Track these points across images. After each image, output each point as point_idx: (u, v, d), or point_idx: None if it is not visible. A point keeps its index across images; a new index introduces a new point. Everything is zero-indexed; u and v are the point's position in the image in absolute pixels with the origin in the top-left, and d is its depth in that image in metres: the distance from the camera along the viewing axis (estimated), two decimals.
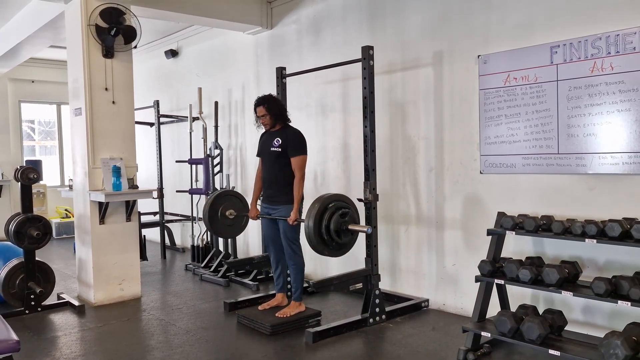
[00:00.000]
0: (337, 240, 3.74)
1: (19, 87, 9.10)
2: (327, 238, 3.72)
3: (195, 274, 5.94)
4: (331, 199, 3.79)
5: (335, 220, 3.71)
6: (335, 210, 3.75)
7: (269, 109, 4.06)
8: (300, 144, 4.04)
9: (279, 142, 4.04)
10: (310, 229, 3.65)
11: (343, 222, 3.74)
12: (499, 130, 3.92)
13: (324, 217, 3.71)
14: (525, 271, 3.21)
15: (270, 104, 4.08)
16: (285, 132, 4.09)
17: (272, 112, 4.07)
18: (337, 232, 3.73)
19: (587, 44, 3.41)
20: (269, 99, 4.12)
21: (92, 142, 4.72)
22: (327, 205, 3.74)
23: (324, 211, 3.71)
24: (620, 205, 3.35)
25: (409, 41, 4.61)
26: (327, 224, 3.71)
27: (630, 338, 2.70)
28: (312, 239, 3.66)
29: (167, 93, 7.88)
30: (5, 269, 4.57)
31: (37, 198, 8.50)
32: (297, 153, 3.99)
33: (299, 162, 3.99)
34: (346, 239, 3.81)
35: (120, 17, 4.67)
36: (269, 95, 4.17)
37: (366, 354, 3.59)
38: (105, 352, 3.65)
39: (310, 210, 3.70)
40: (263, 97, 4.14)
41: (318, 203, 3.72)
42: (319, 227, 3.68)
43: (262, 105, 4.08)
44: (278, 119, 4.11)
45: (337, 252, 3.84)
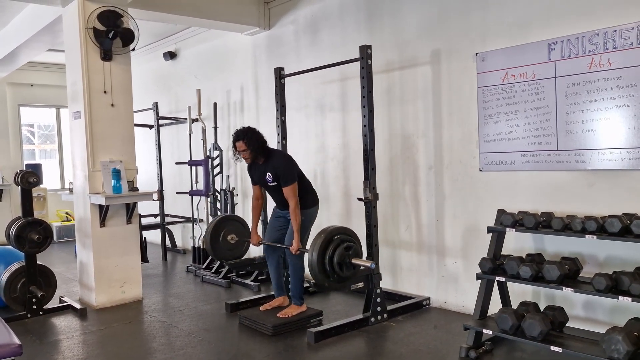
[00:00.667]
0: (339, 273, 3.72)
1: (17, 91, 9.11)
2: (330, 270, 3.70)
3: (197, 275, 5.94)
4: (336, 231, 3.78)
5: (339, 252, 3.70)
6: (340, 243, 3.73)
7: (249, 144, 3.96)
8: (289, 173, 3.98)
9: (271, 177, 4.02)
10: (314, 261, 3.65)
11: (347, 255, 3.72)
12: (497, 128, 3.92)
13: (329, 249, 3.69)
14: (526, 268, 3.22)
15: (250, 138, 3.97)
16: (272, 164, 4.02)
17: (252, 147, 3.97)
18: (340, 264, 3.71)
19: (584, 40, 3.41)
20: (248, 132, 4.00)
21: (92, 145, 4.72)
22: (332, 237, 3.73)
23: (328, 242, 3.70)
24: (619, 201, 3.35)
25: (407, 40, 4.61)
26: (331, 256, 3.69)
27: (631, 333, 2.70)
28: (315, 269, 3.65)
29: (166, 95, 7.88)
30: (6, 273, 4.57)
31: (37, 202, 8.50)
32: (287, 183, 3.95)
33: (290, 190, 3.95)
34: (348, 272, 3.77)
35: (117, 20, 4.67)
36: (247, 128, 4.05)
37: (368, 353, 3.60)
38: (108, 355, 3.66)
39: (315, 240, 3.70)
40: (242, 132, 4.00)
41: (323, 234, 3.71)
42: (322, 258, 3.67)
43: (241, 140, 3.97)
44: (259, 153, 4.03)
45: (337, 285, 3.82)
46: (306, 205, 4.12)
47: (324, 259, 3.67)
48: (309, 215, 4.18)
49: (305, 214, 4.11)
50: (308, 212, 4.15)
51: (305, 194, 4.14)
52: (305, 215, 4.09)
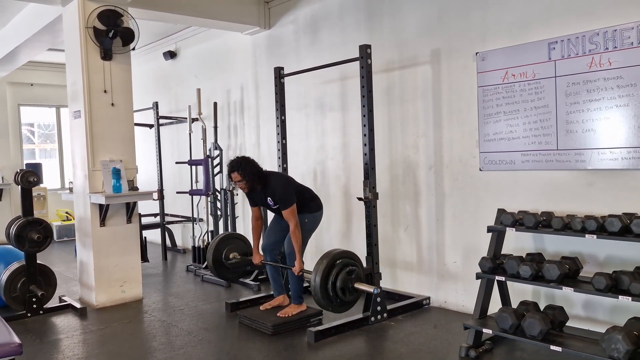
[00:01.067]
0: (342, 297, 3.73)
1: (18, 91, 9.11)
2: (332, 295, 3.71)
3: (197, 275, 5.95)
4: (339, 256, 3.78)
5: (342, 277, 3.70)
6: (343, 268, 3.74)
7: (244, 175, 3.97)
8: (286, 196, 3.99)
9: (272, 201, 4.06)
10: (316, 284, 3.65)
11: (349, 280, 3.72)
12: (497, 127, 3.92)
13: (331, 274, 3.70)
14: (526, 267, 3.22)
15: (244, 169, 3.97)
16: (272, 189, 4.03)
17: (247, 177, 3.98)
18: (342, 289, 3.71)
19: (584, 40, 3.41)
20: (242, 162, 4.00)
21: (92, 145, 4.72)
22: (334, 262, 3.73)
23: (331, 267, 3.71)
24: (619, 200, 3.35)
25: (407, 39, 4.61)
26: (334, 281, 3.69)
27: (631, 333, 2.70)
28: (317, 293, 3.66)
29: (166, 95, 7.88)
30: (6, 273, 4.57)
31: (37, 201, 8.50)
32: (287, 206, 3.97)
33: (290, 213, 3.97)
34: (351, 297, 3.78)
35: (118, 20, 4.67)
36: (241, 158, 4.04)
37: (368, 352, 3.60)
38: (108, 354, 3.66)
39: (317, 265, 3.70)
40: (235, 163, 4.00)
41: (326, 259, 3.72)
42: (325, 283, 3.67)
43: (236, 171, 3.98)
44: (255, 182, 4.04)
45: (340, 309, 3.83)
46: (311, 210, 4.19)
47: (326, 284, 3.69)
48: (314, 219, 4.23)
49: (310, 217, 4.18)
50: (313, 216, 4.21)
51: (310, 201, 4.22)
52: (309, 218, 4.16)
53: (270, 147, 6.06)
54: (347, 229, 5.27)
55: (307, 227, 4.14)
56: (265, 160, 6.11)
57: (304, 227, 4.08)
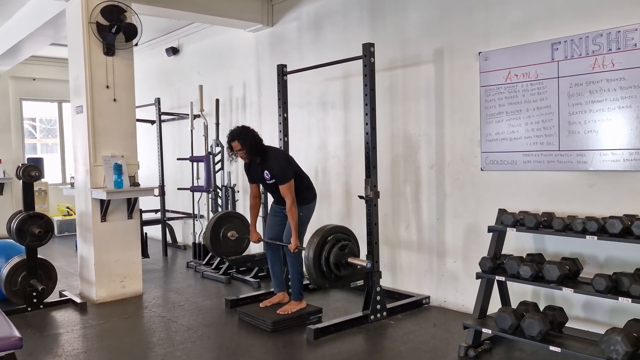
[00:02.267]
0: (337, 273, 3.72)
1: (20, 85, 9.11)
2: (327, 271, 3.70)
3: (197, 271, 5.95)
4: (331, 231, 3.77)
5: (334, 253, 3.70)
6: (335, 243, 3.73)
7: (244, 144, 3.96)
8: (284, 171, 3.98)
9: (269, 175, 4.03)
10: (310, 262, 3.65)
11: (342, 255, 3.72)
12: (499, 127, 3.91)
13: (324, 250, 3.69)
14: (526, 268, 3.22)
15: (244, 138, 3.96)
16: (268, 163, 4.02)
17: (247, 146, 3.97)
18: (336, 265, 3.71)
19: (588, 41, 3.40)
20: (242, 132, 3.99)
21: (94, 140, 4.72)
22: (326, 238, 3.72)
23: (323, 244, 3.70)
24: (621, 202, 3.35)
25: (410, 38, 4.60)
26: (327, 257, 3.69)
27: (630, 334, 2.70)
28: (312, 272, 3.66)
29: (168, 91, 7.88)
30: (7, 267, 4.58)
31: (38, 196, 8.51)
32: (284, 181, 3.96)
33: (287, 189, 3.95)
34: (345, 272, 3.77)
35: (121, 15, 4.67)
36: (242, 127, 4.04)
37: (367, 350, 3.60)
38: (107, 349, 3.67)
39: (310, 242, 3.70)
40: (236, 132, 3.99)
41: (318, 236, 3.71)
42: (318, 259, 3.67)
43: (236, 139, 3.97)
44: (255, 153, 4.03)
45: (336, 284, 3.83)
46: (306, 201, 4.15)
47: (320, 260, 3.68)
48: (308, 211, 4.20)
49: (304, 209, 4.13)
50: (307, 208, 4.17)
51: (305, 190, 4.17)
52: (303, 210, 4.12)
53: (272, 144, 6.03)
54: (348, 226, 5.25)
55: (302, 221, 4.11)
56: None
57: (299, 220, 4.06)
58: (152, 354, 3.55)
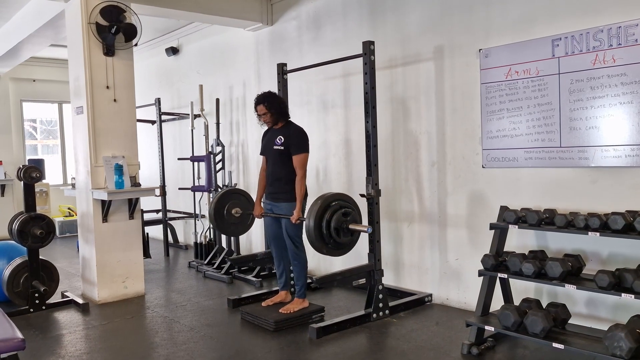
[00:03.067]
0: (336, 238, 3.72)
1: (20, 87, 9.11)
2: (327, 235, 3.70)
3: (199, 271, 5.95)
4: (335, 197, 3.78)
5: (336, 218, 3.70)
6: (338, 209, 3.74)
7: (270, 107, 4.02)
8: (302, 141, 4.02)
9: (281, 140, 4.03)
10: (310, 225, 3.65)
11: (344, 221, 3.72)
12: (501, 124, 3.91)
13: (326, 214, 3.70)
14: (529, 265, 3.21)
15: (271, 102, 4.03)
16: (288, 130, 4.06)
17: (272, 110, 4.03)
18: (337, 230, 3.71)
19: (588, 37, 3.40)
20: (269, 96, 4.07)
21: (94, 141, 4.72)
22: (330, 203, 3.73)
23: (326, 208, 3.71)
24: (623, 198, 3.34)
25: (410, 36, 4.59)
26: (329, 221, 3.69)
27: (634, 330, 2.70)
28: (312, 234, 3.66)
29: (169, 91, 7.88)
30: (9, 268, 4.58)
31: (39, 197, 8.52)
32: (299, 151, 3.97)
33: (301, 160, 3.97)
34: (345, 238, 3.78)
35: (120, 15, 4.67)
36: (269, 92, 4.12)
37: (370, 349, 3.60)
38: (110, 350, 3.67)
39: (312, 206, 3.70)
40: (263, 95, 4.08)
41: (321, 200, 3.72)
42: (319, 223, 3.67)
43: (262, 103, 4.03)
44: (279, 117, 4.08)
45: (335, 252, 3.82)
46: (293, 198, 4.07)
47: (321, 224, 3.68)
48: None
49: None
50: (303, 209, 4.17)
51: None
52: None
53: None
54: None
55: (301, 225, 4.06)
56: None
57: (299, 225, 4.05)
58: (155, 355, 3.55)
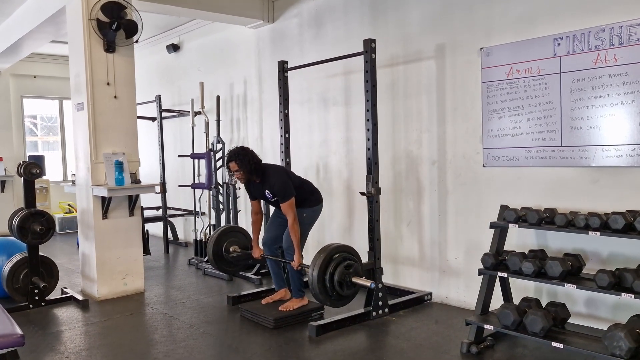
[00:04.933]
0: (339, 291, 3.71)
1: (20, 83, 9.10)
2: (330, 288, 3.68)
3: (199, 268, 5.95)
4: (338, 249, 3.77)
5: (340, 271, 3.68)
6: (341, 261, 3.72)
7: (242, 165, 3.97)
8: (284, 191, 3.98)
9: (270, 194, 4.05)
10: (314, 277, 3.64)
11: (347, 274, 3.71)
12: (501, 123, 3.90)
13: (329, 267, 3.68)
14: (528, 264, 3.21)
15: (242, 160, 3.97)
16: (269, 182, 4.03)
17: (244, 168, 3.97)
18: (340, 283, 3.69)
19: (590, 36, 3.39)
20: (240, 153, 3.98)
21: (95, 137, 4.72)
22: (333, 256, 3.72)
23: (329, 261, 3.69)
24: (623, 198, 3.34)
25: (411, 34, 4.59)
26: (332, 274, 3.67)
27: (633, 330, 2.70)
28: (315, 287, 3.64)
29: (169, 88, 7.87)
30: (9, 264, 4.58)
31: (40, 193, 8.52)
32: (285, 200, 3.97)
33: (288, 206, 3.96)
34: (348, 291, 3.76)
35: (121, 12, 4.66)
36: (239, 149, 4.03)
37: (369, 347, 3.60)
38: (110, 346, 3.67)
39: (315, 259, 3.69)
40: (234, 153, 4.00)
41: (324, 253, 3.71)
42: (323, 276, 3.66)
43: (233, 160, 3.99)
44: (252, 174, 4.03)
45: (338, 303, 3.80)
46: (310, 204, 4.19)
47: (324, 277, 3.67)
48: (313, 213, 4.23)
49: (309, 211, 4.17)
50: (312, 210, 4.21)
51: (310, 195, 4.22)
52: (308, 212, 4.16)
53: (273, 141, 6.05)
54: (349, 223, 5.26)
55: (306, 222, 4.14)
56: (268, 154, 6.11)
57: (303, 221, 4.08)
58: (155, 351, 3.55)
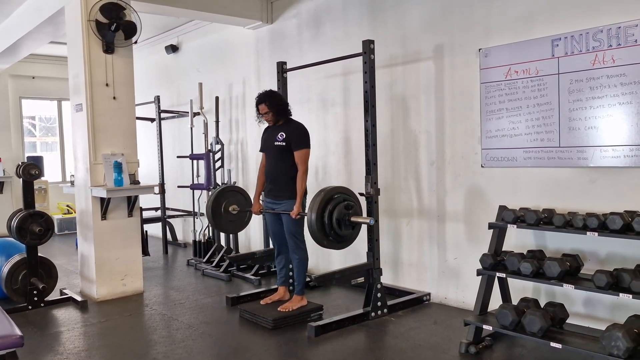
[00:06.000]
0: (337, 230, 3.73)
1: (19, 84, 9.10)
2: (328, 226, 3.71)
3: (197, 269, 5.96)
4: (337, 190, 3.81)
5: (339, 210, 3.72)
6: (341, 201, 3.76)
7: (271, 106, 4.04)
8: (303, 137, 4.04)
9: (282, 137, 4.04)
10: (312, 216, 3.66)
11: (346, 214, 3.74)
12: (500, 124, 3.91)
13: (329, 205, 3.71)
14: (527, 264, 3.22)
15: (272, 101, 4.05)
16: (289, 126, 4.07)
17: (274, 109, 4.04)
18: (338, 221, 3.72)
19: (588, 37, 3.40)
20: (270, 95, 4.08)
21: (94, 138, 4.72)
22: (332, 195, 3.76)
23: (328, 200, 3.73)
24: (621, 198, 3.35)
25: (410, 35, 4.60)
26: (331, 212, 3.70)
27: (631, 330, 2.70)
28: (313, 225, 3.67)
29: (168, 88, 7.87)
30: (7, 265, 4.58)
31: (38, 194, 8.51)
32: (301, 147, 3.98)
33: (302, 155, 3.98)
34: (346, 231, 3.80)
35: (120, 13, 4.66)
36: (270, 91, 4.13)
37: (368, 347, 3.61)
38: (109, 347, 3.67)
39: (315, 198, 3.72)
40: (264, 94, 4.09)
41: (323, 192, 3.75)
42: (321, 214, 3.68)
43: (263, 102, 4.05)
44: (280, 115, 4.10)
45: (336, 244, 3.82)
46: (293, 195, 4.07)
47: (323, 215, 3.69)
48: None
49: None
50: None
51: None
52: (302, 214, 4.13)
53: None
54: None
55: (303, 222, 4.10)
56: None
57: (300, 222, 4.06)
58: (154, 352, 3.55)
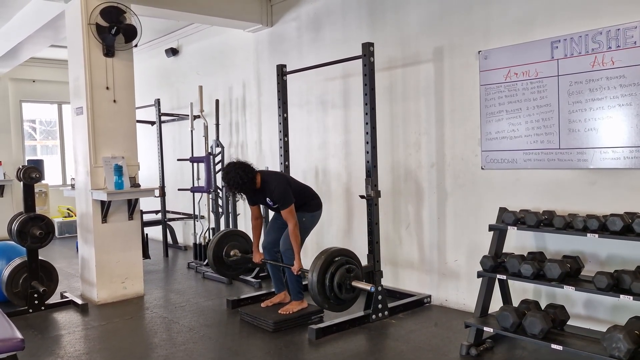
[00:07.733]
0: (338, 294, 3.68)
1: (20, 87, 9.11)
2: (329, 290, 3.66)
3: (198, 271, 5.95)
4: (339, 252, 3.77)
5: (340, 273, 3.67)
6: (343, 264, 3.72)
7: (238, 189, 3.94)
8: (284, 197, 3.98)
9: (271, 202, 4.06)
10: (313, 279, 3.62)
11: (347, 277, 3.69)
12: (500, 126, 3.91)
13: (330, 268, 3.67)
14: (527, 266, 3.22)
15: (235, 183, 3.89)
16: (269, 189, 4.01)
17: (237, 187, 3.93)
18: (339, 286, 3.67)
19: (587, 39, 3.40)
20: (228, 176, 3.91)
21: (94, 141, 4.73)
22: (334, 258, 3.71)
23: (330, 263, 3.68)
24: (621, 200, 3.35)
25: (409, 37, 4.60)
26: (333, 274, 3.66)
27: (632, 332, 2.71)
28: (314, 288, 3.62)
29: (168, 91, 7.88)
30: (8, 269, 4.58)
31: (39, 197, 8.51)
32: (285, 207, 3.97)
33: (289, 212, 3.97)
34: (347, 295, 3.74)
35: (120, 16, 4.67)
36: (230, 168, 3.95)
37: (369, 350, 3.60)
38: (109, 350, 3.67)
39: (316, 260, 3.68)
40: (225, 174, 3.96)
41: (325, 255, 3.70)
42: (322, 277, 3.64)
43: (226, 185, 3.99)
44: (249, 187, 3.98)
45: (336, 307, 3.78)
46: (310, 209, 4.20)
47: (324, 279, 3.66)
48: (312, 218, 4.24)
49: (309, 216, 4.19)
50: (312, 215, 4.22)
51: (310, 200, 4.23)
52: (307, 217, 4.17)
53: (272, 144, 6.06)
54: (349, 226, 5.27)
55: (304, 226, 4.14)
56: (267, 157, 6.12)
57: (302, 226, 4.08)
58: (154, 355, 3.55)
